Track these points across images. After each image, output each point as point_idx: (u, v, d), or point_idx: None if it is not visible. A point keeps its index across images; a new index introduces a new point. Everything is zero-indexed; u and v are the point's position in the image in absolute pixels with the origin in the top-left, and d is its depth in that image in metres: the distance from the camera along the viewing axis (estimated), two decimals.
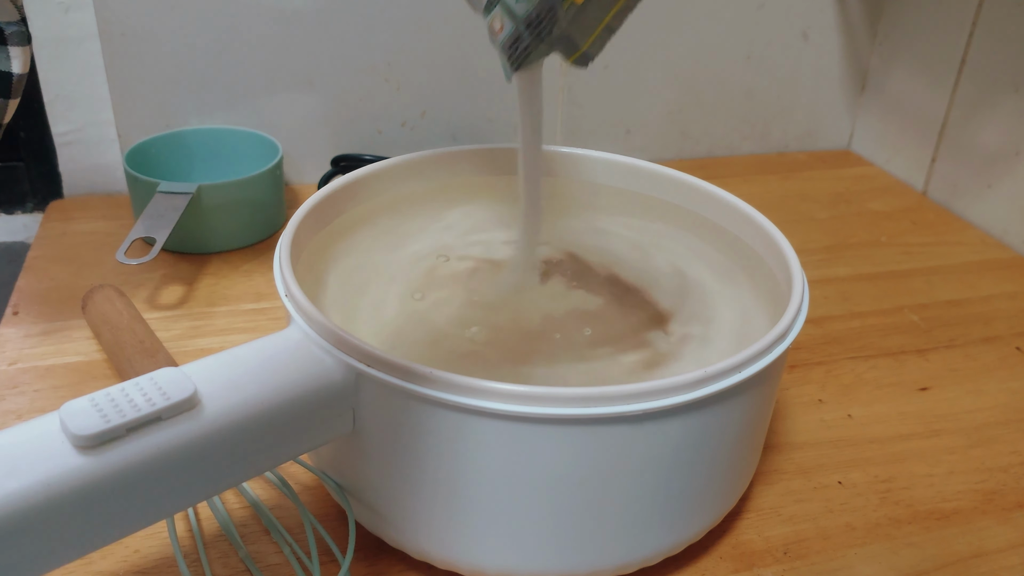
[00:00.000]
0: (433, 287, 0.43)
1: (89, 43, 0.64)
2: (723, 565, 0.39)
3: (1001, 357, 0.54)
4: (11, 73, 0.39)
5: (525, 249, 0.45)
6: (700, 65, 0.78)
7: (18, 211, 0.70)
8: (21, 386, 0.47)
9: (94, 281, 0.56)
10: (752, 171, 0.80)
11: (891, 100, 0.80)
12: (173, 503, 0.31)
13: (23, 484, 0.27)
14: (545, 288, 0.44)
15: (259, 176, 0.61)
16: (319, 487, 0.41)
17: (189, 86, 0.67)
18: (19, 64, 0.39)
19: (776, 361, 0.35)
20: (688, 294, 0.44)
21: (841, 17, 0.80)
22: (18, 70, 0.39)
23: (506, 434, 0.32)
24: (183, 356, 0.50)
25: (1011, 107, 0.68)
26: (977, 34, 0.70)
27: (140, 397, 0.29)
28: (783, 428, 0.47)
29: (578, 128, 0.77)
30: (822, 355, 0.54)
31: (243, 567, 0.37)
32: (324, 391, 0.33)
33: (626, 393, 0.31)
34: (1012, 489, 0.44)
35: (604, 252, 0.47)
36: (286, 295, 0.36)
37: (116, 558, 0.37)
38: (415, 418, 0.32)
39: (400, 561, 0.38)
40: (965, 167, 0.73)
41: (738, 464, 0.38)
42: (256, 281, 0.58)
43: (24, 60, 0.40)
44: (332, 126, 0.71)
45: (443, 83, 0.72)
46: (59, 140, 0.67)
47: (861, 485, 0.44)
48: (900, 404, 0.50)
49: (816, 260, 0.65)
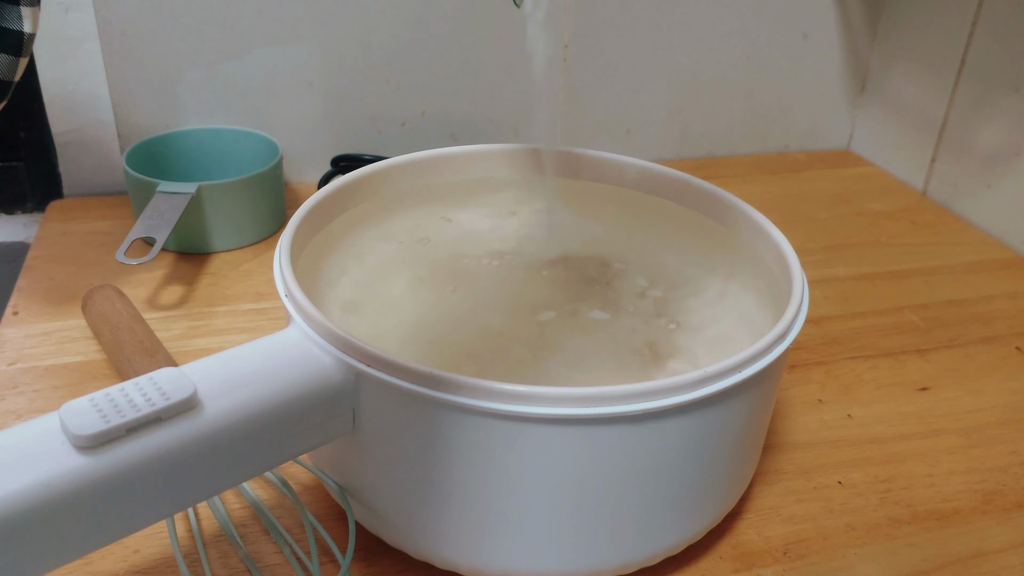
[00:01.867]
0: (434, 286, 0.43)
1: (89, 43, 0.64)
2: (723, 565, 0.39)
3: (1001, 357, 0.54)
4: (23, 32, 0.40)
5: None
6: (700, 65, 0.78)
7: (18, 211, 0.70)
8: (21, 386, 0.47)
9: (94, 281, 0.56)
10: (752, 171, 0.80)
11: (891, 100, 0.80)
12: (173, 503, 0.31)
13: (23, 484, 0.27)
14: (544, 287, 0.44)
15: (259, 176, 0.61)
16: (319, 487, 0.41)
17: (189, 86, 0.67)
18: (30, 24, 0.41)
19: (776, 361, 0.35)
20: (688, 294, 0.44)
21: (841, 17, 0.80)
22: (29, 29, 0.41)
23: (506, 434, 0.32)
24: (183, 356, 0.50)
25: (1011, 107, 0.68)
26: (977, 34, 0.70)
27: (140, 397, 0.29)
28: (783, 428, 0.47)
29: (578, 128, 0.77)
30: (822, 355, 0.54)
31: (243, 567, 0.37)
32: (324, 391, 0.33)
33: (626, 393, 0.31)
34: (1012, 489, 0.44)
35: (604, 252, 0.47)
36: (286, 295, 0.36)
37: (116, 558, 0.37)
38: (415, 418, 0.32)
39: (400, 561, 0.38)
40: (965, 167, 0.73)
41: (738, 464, 0.38)
42: (256, 281, 0.58)
43: (34, 20, 0.41)
44: (332, 126, 0.71)
45: (443, 83, 0.72)
46: (59, 140, 0.67)
47: (861, 485, 0.44)
48: (900, 404, 0.50)
49: (816, 260, 0.65)
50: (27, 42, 0.41)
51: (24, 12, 0.40)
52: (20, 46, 0.41)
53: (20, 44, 0.41)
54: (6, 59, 0.40)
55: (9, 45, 0.40)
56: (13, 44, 0.40)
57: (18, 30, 0.40)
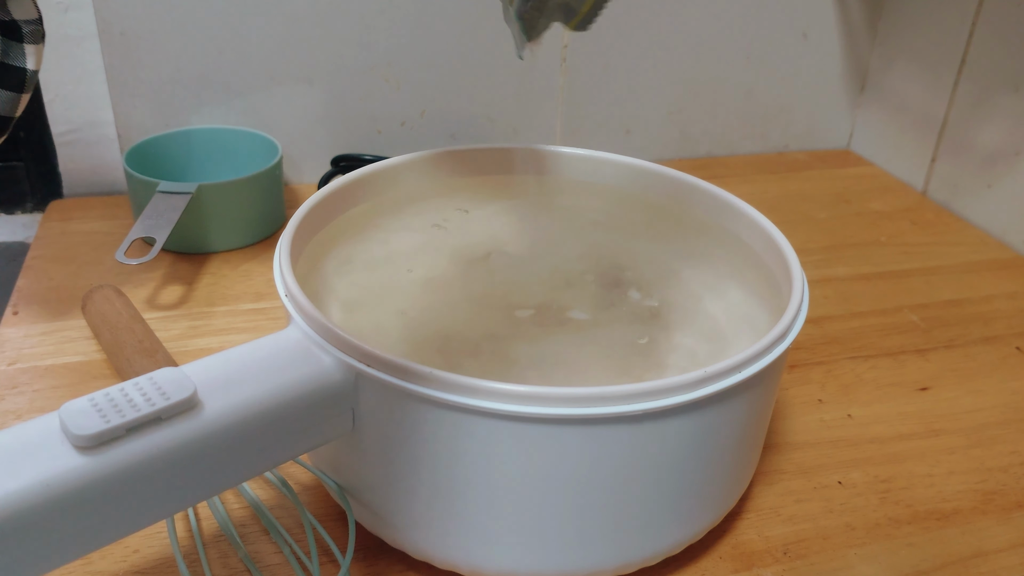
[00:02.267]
0: (434, 286, 0.43)
1: (89, 43, 0.64)
2: (723, 565, 0.39)
3: (1001, 357, 0.54)
4: (26, 69, 0.41)
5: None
6: (700, 65, 0.78)
7: (18, 211, 0.70)
8: (21, 386, 0.47)
9: (94, 281, 0.56)
10: (752, 171, 0.80)
11: (891, 100, 0.80)
12: (173, 503, 0.31)
13: (23, 484, 0.27)
14: (544, 287, 0.44)
15: (259, 176, 0.61)
16: (319, 487, 0.41)
17: (189, 86, 0.67)
18: (33, 61, 0.41)
19: (776, 361, 0.35)
20: (688, 294, 0.44)
21: (841, 17, 0.80)
22: (32, 67, 0.41)
23: (506, 434, 0.32)
24: (183, 356, 0.50)
25: (1011, 107, 0.68)
26: (977, 34, 0.70)
27: (140, 397, 0.29)
28: (783, 428, 0.47)
29: (578, 128, 0.77)
30: (822, 355, 0.54)
31: (243, 567, 0.37)
32: (324, 391, 0.33)
33: (626, 393, 0.31)
34: (1012, 489, 0.44)
35: (603, 251, 0.47)
36: (286, 295, 0.36)
37: (116, 558, 0.37)
38: (415, 418, 0.32)
39: (400, 561, 0.38)
40: (965, 167, 0.73)
41: (738, 464, 0.38)
42: (256, 281, 0.58)
43: (38, 57, 0.41)
44: (332, 126, 0.71)
45: (443, 83, 0.72)
46: (59, 140, 0.67)
47: (861, 485, 0.44)
48: (900, 404, 0.50)
49: (816, 260, 0.65)
50: (29, 79, 0.41)
51: (28, 49, 0.40)
52: (23, 83, 0.41)
53: (23, 81, 0.41)
54: (8, 96, 0.41)
55: (12, 82, 0.41)
56: (16, 81, 0.41)
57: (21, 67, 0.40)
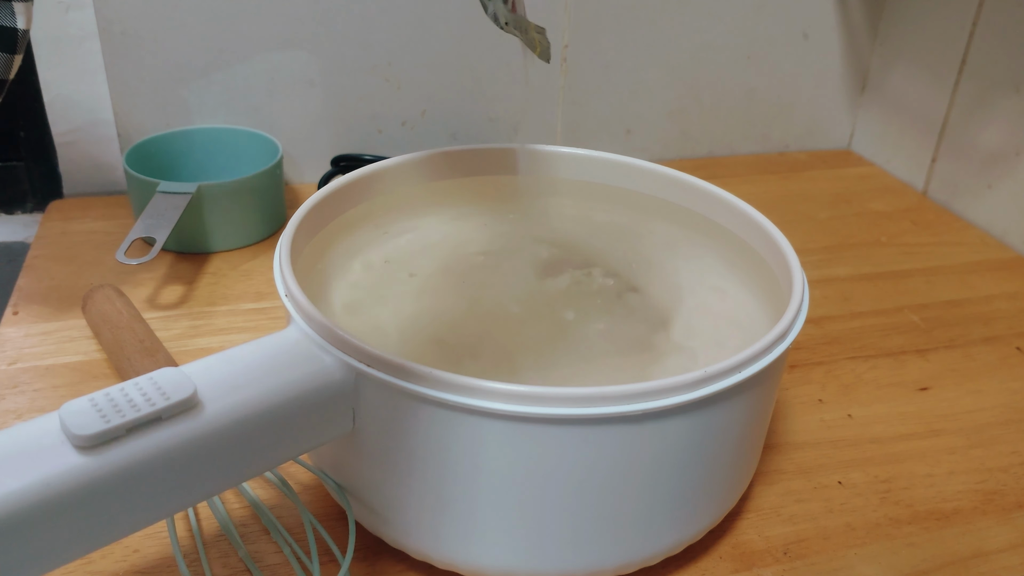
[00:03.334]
0: (434, 286, 0.43)
1: (89, 43, 0.64)
2: (723, 565, 0.39)
3: (1001, 357, 0.54)
4: (16, 28, 0.40)
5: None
6: (700, 65, 0.78)
7: (18, 211, 0.70)
8: (21, 386, 0.47)
9: (94, 281, 0.56)
10: (752, 171, 0.80)
11: (891, 100, 0.80)
12: (173, 503, 0.31)
13: (23, 484, 0.27)
14: (544, 287, 0.44)
15: (259, 176, 0.61)
16: (319, 487, 0.41)
17: (189, 86, 0.67)
18: (23, 20, 0.40)
19: (776, 361, 0.35)
20: (688, 294, 0.44)
21: (841, 17, 0.80)
22: (22, 26, 0.40)
23: (506, 434, 0.32)
24: (183, 356, 0.50)
25: (1011, 107, 0.68)
26: (977, 34, 0.70)
27: (140, 397, 0.29)
28: (783, 428, 0.47)
29: (578, 128, 0.77)
30: (822, 355, 0.54)
31: (243, 567, 0.37)
32: (324, 391, 0.33)
33: (626, 393, 0.31)
34: (1012, 489, 0.44)
35: (604, 252, 0.47)
36: (286, 295, 0.36)
37: (116, 558, 0.37)
38: (415, 418, 0.32)
39: (400, 561, 0.38)
40: (965, 167, 0.73)
41: (738, 464, 0.38)
42: (256, 281, 0.58)
43: (28, 16, 0.40)
44: (332, 126, 0.71)
45: (443, 83, 0.72)
46: (59, 140, 0.67)
47: (861, 485, 0.44)
48: (900, 404, 0.50)
49: (816, 260, 0.65)
50: (21, 38, 0.41)
51: (17, 8, 0.40)
52: (14, 43, 0.40)
53: (14, 41, 0.40)
54: (1, 57, 0.40)
55: (3, 42, 0.40)
56: (7, 41, 0.40)
57: (11, 27, 0.40)
